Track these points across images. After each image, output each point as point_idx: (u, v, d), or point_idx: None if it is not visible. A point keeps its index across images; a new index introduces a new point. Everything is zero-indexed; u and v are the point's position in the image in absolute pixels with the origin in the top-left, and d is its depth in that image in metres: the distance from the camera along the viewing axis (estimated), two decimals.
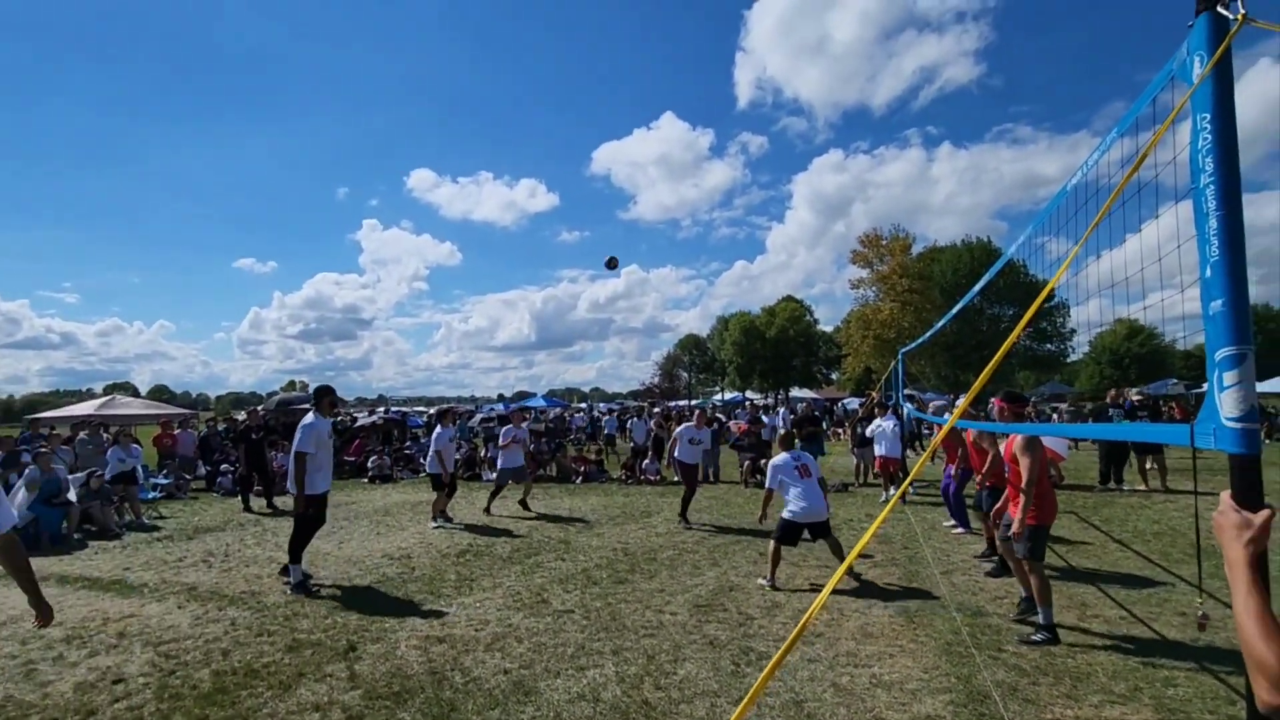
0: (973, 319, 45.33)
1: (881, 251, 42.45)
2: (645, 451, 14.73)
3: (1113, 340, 56.90)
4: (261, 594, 6.17)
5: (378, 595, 6.08)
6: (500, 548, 7.93)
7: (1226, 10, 1.68)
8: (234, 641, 4.97)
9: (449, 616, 5.43)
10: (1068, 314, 46.74)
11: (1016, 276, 44.82)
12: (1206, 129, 1.70)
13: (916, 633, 4.88)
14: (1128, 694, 3.86)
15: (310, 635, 5.04)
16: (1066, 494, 10.99)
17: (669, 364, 68.32)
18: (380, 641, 4.89)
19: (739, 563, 7.03)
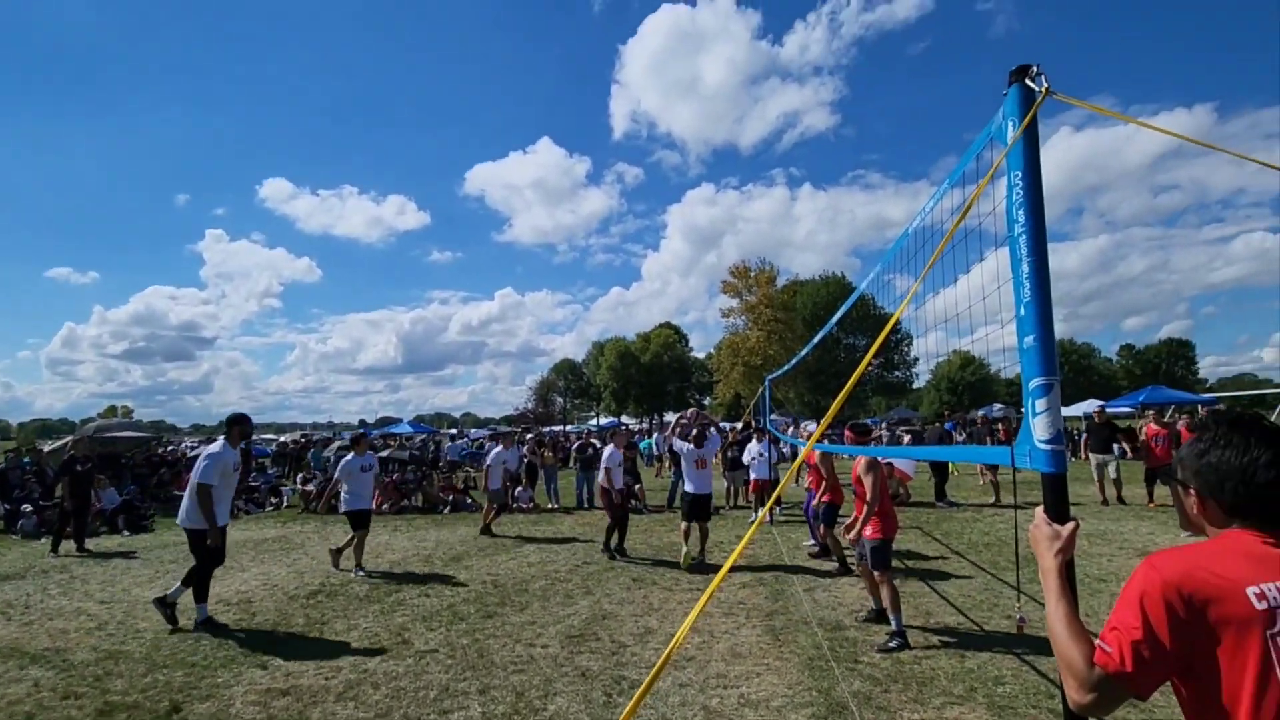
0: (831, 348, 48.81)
1: (749, 282, 44.88)
2: (518, 479, 14.38)
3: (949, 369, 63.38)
4: (68, 650, 5.31)
5: (209, 646, 5.41)
6: (357, 586, 7.37)
7: (1034, 83, 1.93)
8: (37, 705, 4.25)
9: (295, 665, 4.94)
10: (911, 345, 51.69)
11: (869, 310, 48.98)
12: (1019, 185, 1.93)
13: (782, 650, 5.06)
14: (965, 694, 4.21)
15: (125, 697, 4.38)
16: (913, 510, 11.97)
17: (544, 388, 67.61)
18: (211, 699, 4.34)
19: (613, 589, 6.98)
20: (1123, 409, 28.20)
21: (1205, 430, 1.36)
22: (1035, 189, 1.90)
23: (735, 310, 45.98)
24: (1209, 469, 1.31)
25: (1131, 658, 1.20)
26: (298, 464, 21.59)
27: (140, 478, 15.46)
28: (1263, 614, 1.13)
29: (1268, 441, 1.26)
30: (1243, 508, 1.27)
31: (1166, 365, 68.49)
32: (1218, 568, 1.19)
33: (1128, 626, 1.22)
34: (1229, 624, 1.14)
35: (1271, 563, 1.19)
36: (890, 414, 49.32)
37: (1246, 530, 1.26)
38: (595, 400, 67.22)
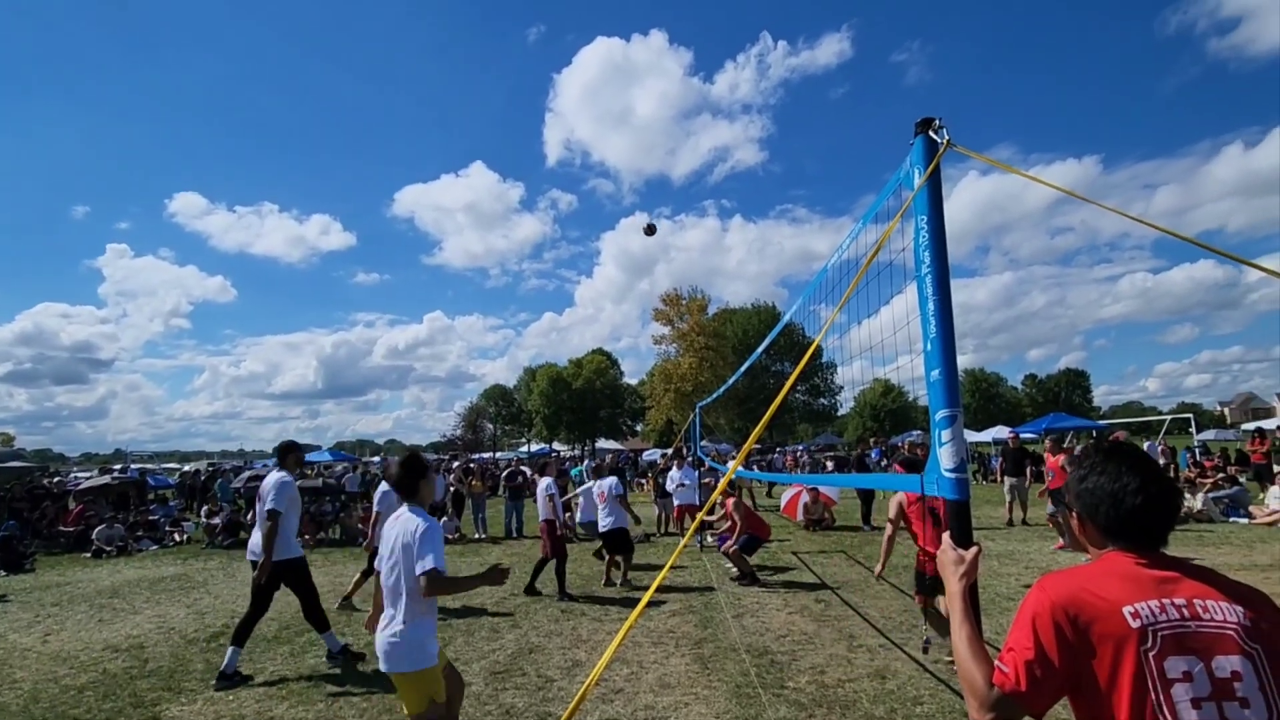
0: (760, 375, 49.97)
1: (681, 310, 45.62)
2: (443, 508, 13.94)
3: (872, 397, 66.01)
4: None
5: (94, 698, 4.94)
6: (265, 627, 6.89)
7: (936, 135, 2.08)
8: None
9: (191, 715, 4.56)
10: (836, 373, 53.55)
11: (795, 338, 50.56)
12: (924, 228, 2.07)
13: (710, 678, 5.05)
14: (885, 716, 4.30)
15: None
16: (838, 534, 12.30)
17: (473, 415, 66.05)
18: None
19: (540, 622, 6.82)
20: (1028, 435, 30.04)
21: (1085, 459, 1.48)
22: (939, 232, 2.03)
23: (667, 337, 46.59)
24: (1086, 494, 1.43)
25: (1026, 677, 1.26)
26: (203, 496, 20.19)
27: (19, 512, 14.08)
28: (1137, 632, 1.22)
29: (1136, 470, 1.37)
30: (1115, 530, 1.38)
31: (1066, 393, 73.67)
32: (1099, 589, 1.28)
33: (1021, 647, 1.29)
34: (1109, 642, 1.23)
35: (1145, 583, 1.28)
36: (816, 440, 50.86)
37: (1122, 552, 1.36)
38: (526, 427, 66.16)
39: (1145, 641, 1.21)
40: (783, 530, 12.79)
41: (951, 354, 1.98)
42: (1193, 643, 1.20)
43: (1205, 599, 1.25)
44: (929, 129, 2.08)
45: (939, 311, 1.99)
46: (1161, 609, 1.23)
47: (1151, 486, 1.35)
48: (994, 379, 76.09)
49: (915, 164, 2.13)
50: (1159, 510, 1.34)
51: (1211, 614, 1.23)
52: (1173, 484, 1.38)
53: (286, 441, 6.11)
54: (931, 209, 2.05)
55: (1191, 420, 27.15)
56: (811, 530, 12.76)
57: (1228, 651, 1.19)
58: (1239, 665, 1.18)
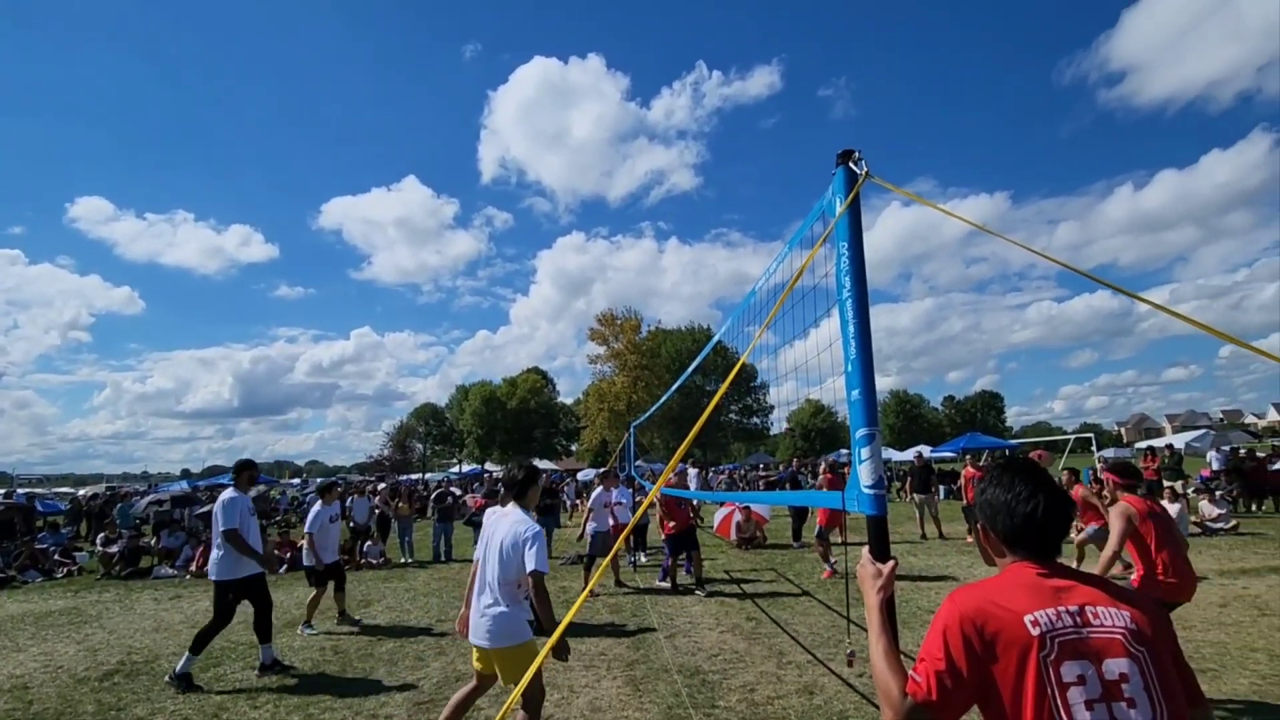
0: (694, 396, 50.53)
1: (615, 330, 45.83)
2: (367, 532, 13.38)
3: (803, 416, 67.80)
4: None
5: None
6: (166, 663, 6.41)
7: (856, 167, 2.19)
8: None
9: None
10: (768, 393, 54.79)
11: (730, 360, 51.47)
12: (845, 254, 2.16)
13: (642, 700, 5.00)
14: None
15: None
16: (768, 552, 12.49)
17: (402, 434, 63.82)
18: None
19: (468, 648, 6.59)
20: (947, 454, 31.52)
21: (988, 472, 1.58)
22: (858, 259, 2.13)
23: (602, 357, 46.66)
24: (986, 504, 1.53)
25: (937, 687, 1.32)
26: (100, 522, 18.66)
27: None
28: (1037, 639, 1.29)
29: (1027, 481, 1.48)
30: (1011, 538, 1.47)
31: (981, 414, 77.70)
32: (1003, 600, 1.35)
33: (933, 658, 1.35)
34: (1013, 650, 1.29)
35: (1044, 592, 1.36)
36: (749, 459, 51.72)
37: (1024, 562, 1.45)
38: (458, 447, 64.50)
39: (1044, 648, 1.28)
40: (715, 549, 12.88)
41: (870, 375, 2.07)
42: (1085, 648, 1.28)
43: (1096, 605, 1.34)
44: (849, 160, 2.19)
45: (859, 334, 2.07)
46: (1058, 616, 1.31)
47: (1041, 494, 1.44)
48: (916, 400, 79.59)
49: (837, 193, 2.23)
50: (1049, 517, 1.43)
51: (1101, 620, 1.31)
52: (1064, 495, 1.47)
53: (242, 460, 6.27)
54: (851, 236, 2.15)
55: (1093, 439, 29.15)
56: (744, 549, 12.91)
57: (1116, 655, 1.27)
58: (1126, 668, 1.26)
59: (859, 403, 2.05)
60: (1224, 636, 5.98)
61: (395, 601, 9.06)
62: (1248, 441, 28.94)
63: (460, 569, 11.89)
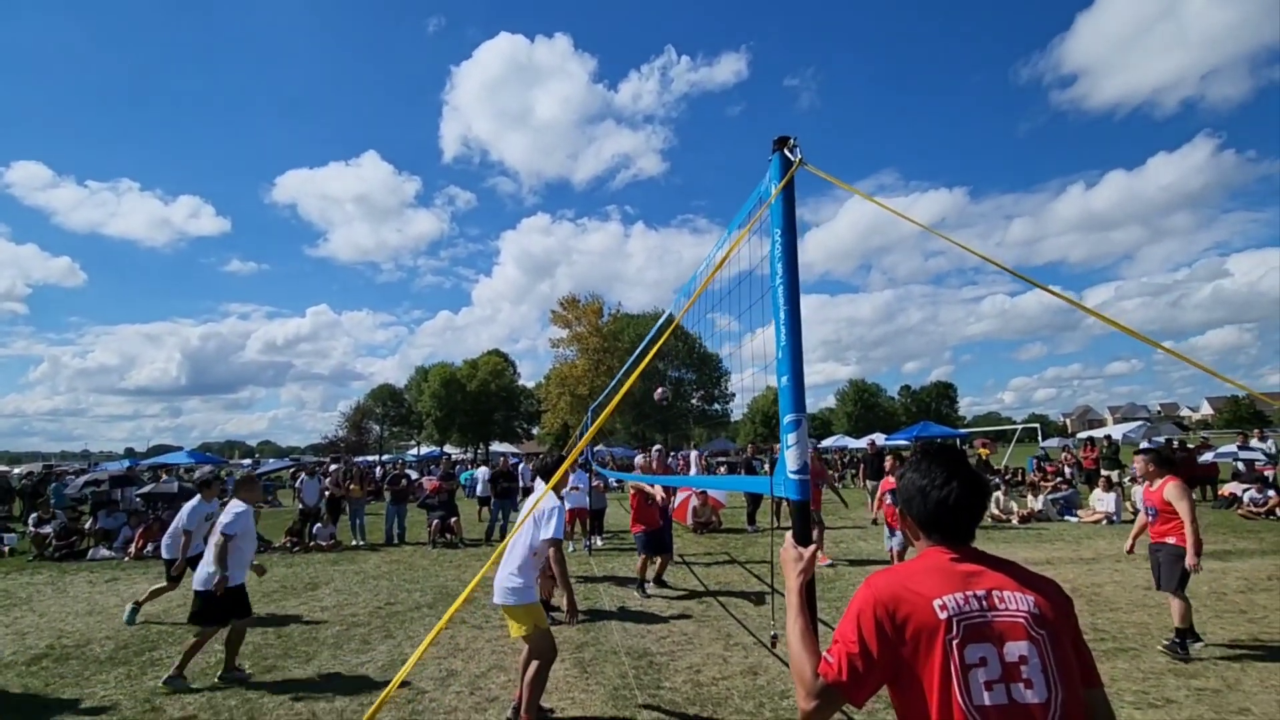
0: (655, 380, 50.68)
1: (578, 314, 45.61)
2: (317, 513, 13.12)
3: (764, 403, 68.61)
4: None
5: None
6: (99, 647, 6.21)
7: (791, 154, 2.19)
8: None
9: None
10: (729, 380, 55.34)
11: (693, 345, 51.77)
12: (778, 241, 2.17)
13: (588, 682, 5.04)
14: (754, 710, 4.46)
15: None
16: (723, 536, 12.66)
17: (358, 415, 62.58)
18: None
19: (416, 631, 6.55)
20: (902, 441, 32.31)
21: (909, 458, 1.61)
22: (790, 246, 2.13)
23: (564, 341, 46.40)
24: (903, 489, 1.56)
25: (847, 668, 1.34)
26: (33, 501, 17.88)
27: None
28: (944, 623, 1.32)
29: (945, 468, 1.50)
30: (925, 521, 1.50)
31: (936, 404, 79.79)
32: (914, 584, 1.38)
33: (846, 640, 1.37)
34: (921, 634, 1.32)
35: (954, 576, 1.40)
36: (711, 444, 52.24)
37: (937, 547, 1.48)
38: (417, 428, 63.53)
39: (950, 631, 1.31)
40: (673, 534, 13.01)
41: (798, 361, 2.08)
42: (989, 631, 1.32)
43: (1003, 590, 1.37)
44: (785, 147, 2.18)
45: (789, 321, 2.08)
46: (965, 600, 1.35)
47: (955, 481, 1.47)
48: (874, 389, 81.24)
49: (773, 179, 2.22)
50: (962, 503, 1.46)
51: (1006, 604, 1.35)
52: (980, 481, 1.50)
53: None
54: (785, 223, 2.15)
55: (1039, 429, 30.22)
56: (699, 533, 13.06)
57: (1017, 638, 1.32)
58: (1025, 650, 1.31)
59: (787, 388, 2.07)
60: (1146, 618, 6.29)
61: (344, 584, 8.92)
62: (1179, 435, 30.39)
63: (412, 551, 11.76)
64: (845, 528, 13.02)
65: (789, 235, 2.13)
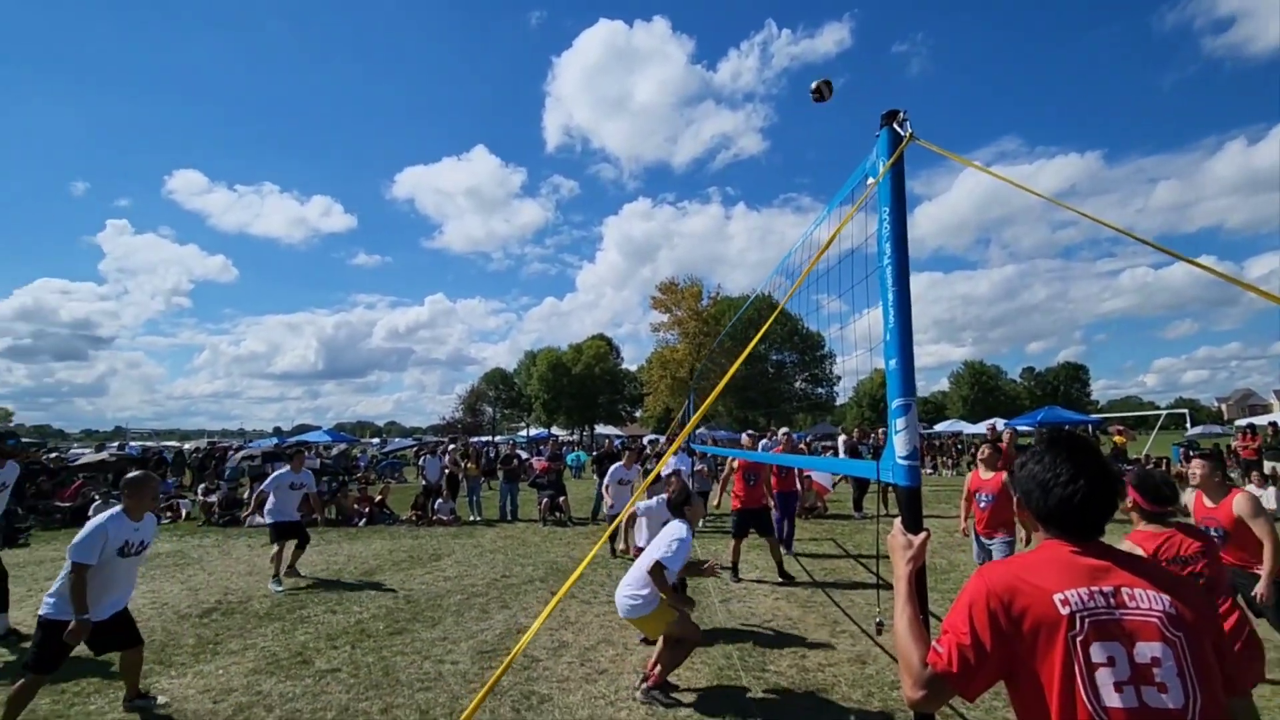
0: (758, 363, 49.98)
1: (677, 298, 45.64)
2: (438, 490, 14.04)
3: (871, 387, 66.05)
4: None
5: (83, 670, 5.01)
6: (258, 604, 7.00)
7: (900, 128, 2.09)
8: None
9: (181, 688, 4.65)
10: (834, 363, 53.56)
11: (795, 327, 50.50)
12: (886, 220, 2.08)
13: (693, 661, 5.12)
14: (862, 699, 4.39)
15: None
16: (829, 522, 12.40)
17: (473, 398, 66.11)
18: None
19: (530, 604, 6.91)
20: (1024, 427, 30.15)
21: (1033, 447, 1.52)
22: (900, 224, 2.05)
23: (665, 325, 46.65)
24: (1023, 480, 1.47)
25: (958, 659, 1.31)
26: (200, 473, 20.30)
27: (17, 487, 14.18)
28: (1065, 619, 1.25)
29: (1072, 461, 1.40)
30: (1045, 517, 1.42)
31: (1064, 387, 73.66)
32: (1033, 577, 1.32)
33: (957, 631, 1.33)
34: (1040, 629, 1.27)
35: (1078, 570, 1.32)
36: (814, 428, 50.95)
37: (1059, 540, 1.40)
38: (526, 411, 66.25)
39: (1073, 628, 1.25)
40: None
41: (908, 344, 2.01)
42: (1117, 629, 1.24)
43: (1134, 587, 1.29)
44: (894, 121, 2.09)
45: (898, 303, 2.01)
46: (1090, 596, 1.27)
47: (1083, 478, 1.37)
48: (993, 371, 76.07)
49: (880, 155, 2.14)
50: (1090, 502, 1.37)
51: (1138, 602, 1.27)
52: (1111, 475, 1.40)
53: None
54: (894, 201, 2.07)
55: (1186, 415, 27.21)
56: (803, 518, 12.84)
57: (1150, 638, 1.24)
58: (1159, 652, 1.23)
59: (896, 372, 2.01)
60: None
61: (463, 557, 9.51)
62: None
63: (524, 528, 12.35)
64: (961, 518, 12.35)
65: (898, 213, 2.05)
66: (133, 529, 4.14)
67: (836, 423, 61.07)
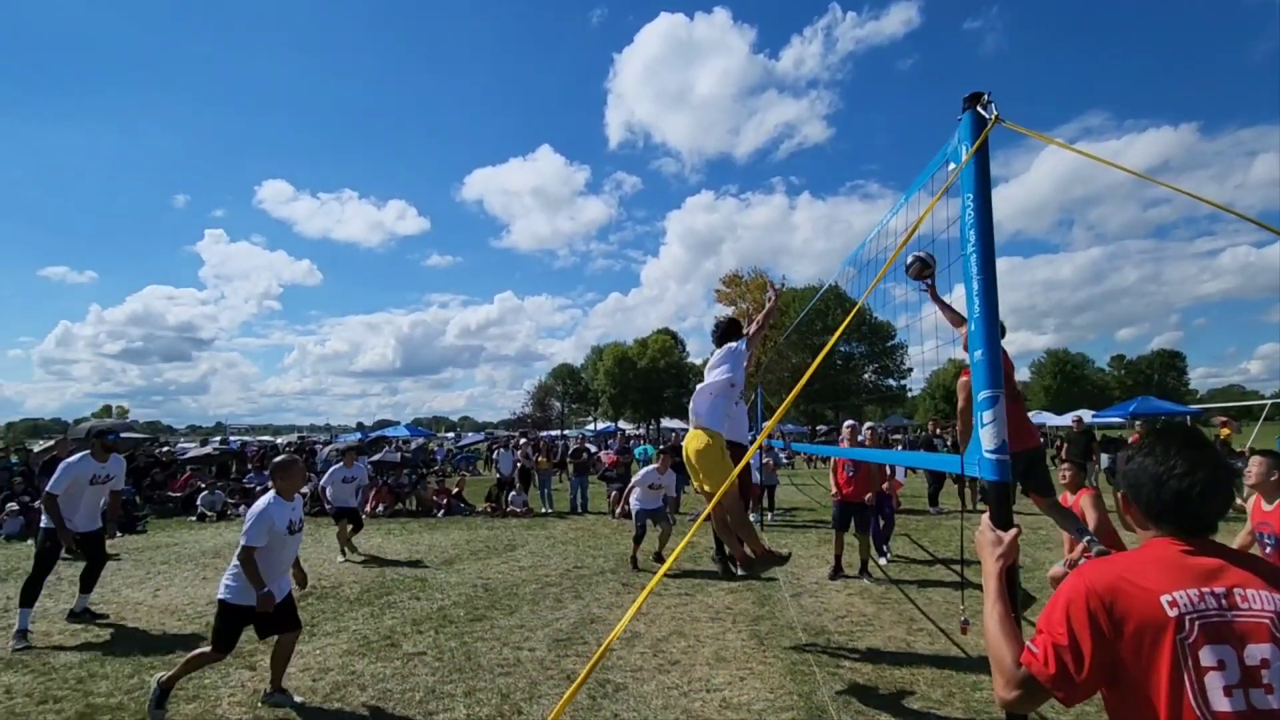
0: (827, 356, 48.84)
1: (741, 290, 45.14)
2: (511, 483, 14.44)
3: (945, 378, 63.56)
4: (48, 654, 5.34)
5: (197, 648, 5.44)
6: (348, 589, 7.41)
7: (985, 111, 2.02)
8: (9, 712, 4.25)
9: None
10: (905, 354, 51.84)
11: (865, 317, 49.15)
12: (969, 206, 2.02)
13: (766, 654, 5.12)
14: (943, 699, 4.28)
15: (109, 699, 4.42)
16: (902, 518, 12.03)
17: (541, 393, 67.53)
18: (197, 700, 4.39)
19: (602, 594, 7.05)
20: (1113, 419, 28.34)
21: (1141, 439, 1.45)
22: (985, 211, 1.98)
23: None
24: (1131, 474, 1.39)
25: (1054, 660, 1.27)
26: None
27: (135, 479, 15.45)
28: (1174, 620, 1.20)
29: (1186, 454, 1.32)
30: (1156, 513, 1.35)
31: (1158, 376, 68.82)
32: (1137, 578, 1.26)
33: (1053, 631, 1.29)
34: (1144, 633, 1.21)
35: (1187, 571, 1.26)
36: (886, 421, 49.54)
37: (1167, 538, 1.33)
38: (593, 405, 67.20)
39: (1181, 630, 1.20)
40: None
41: (994, 334, 1.94)
42: (1228, 632, 1.19)
43: (1247, 588, 1.23)
44: (977, 104, 2.02)
45: (982, 291, 1.95)
46: (1200, 598, 1.22)
47: (1200, 472, 1.30)
48: (1078, 360, 71.82)
49: (963, 140, 2.07)
50: (1205, 497, 1.30)
51: (1250, 603, 1.21)
52: (1227, 471, 1.33)
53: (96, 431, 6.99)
54: (978, 186, 2.00)
55: None
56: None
57: (1260, 640, 1.18)
58: (1268, 653, 1.17)
59: (982, 363, 1.95)
60: None
61: (536, 548, 9.77)
62: None
63: (594, 520, 12.56)
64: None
65: (982, 199, 1.99)
66: (290, 508, 4.47)
67: (908, 415, 59.15)
